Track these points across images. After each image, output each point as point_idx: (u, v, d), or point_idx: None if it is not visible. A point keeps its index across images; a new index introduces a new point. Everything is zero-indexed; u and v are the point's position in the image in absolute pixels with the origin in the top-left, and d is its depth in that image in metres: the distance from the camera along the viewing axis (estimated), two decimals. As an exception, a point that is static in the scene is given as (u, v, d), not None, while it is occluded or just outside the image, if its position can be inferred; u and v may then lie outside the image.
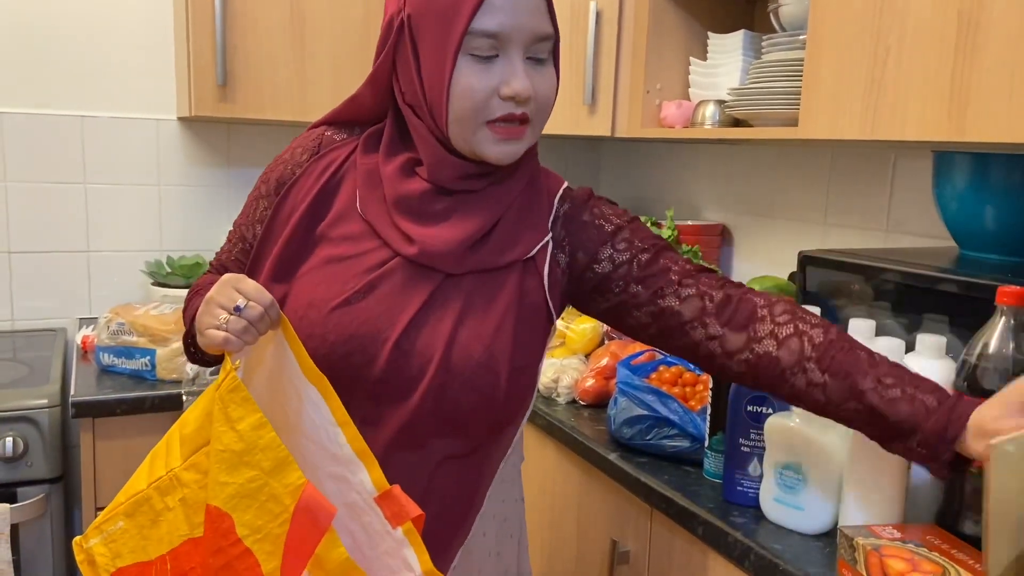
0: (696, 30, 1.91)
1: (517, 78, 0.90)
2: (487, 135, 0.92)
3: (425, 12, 0.91)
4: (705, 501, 1.20)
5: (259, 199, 1.05)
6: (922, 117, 1.19)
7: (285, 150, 1.05)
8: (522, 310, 0.97)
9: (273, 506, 0.83)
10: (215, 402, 0.85)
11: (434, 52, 0.91)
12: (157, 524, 0.90)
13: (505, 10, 0.89)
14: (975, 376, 0.97)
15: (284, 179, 1.03)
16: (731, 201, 2.12)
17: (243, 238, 1.06)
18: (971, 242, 1.32)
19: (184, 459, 0.89)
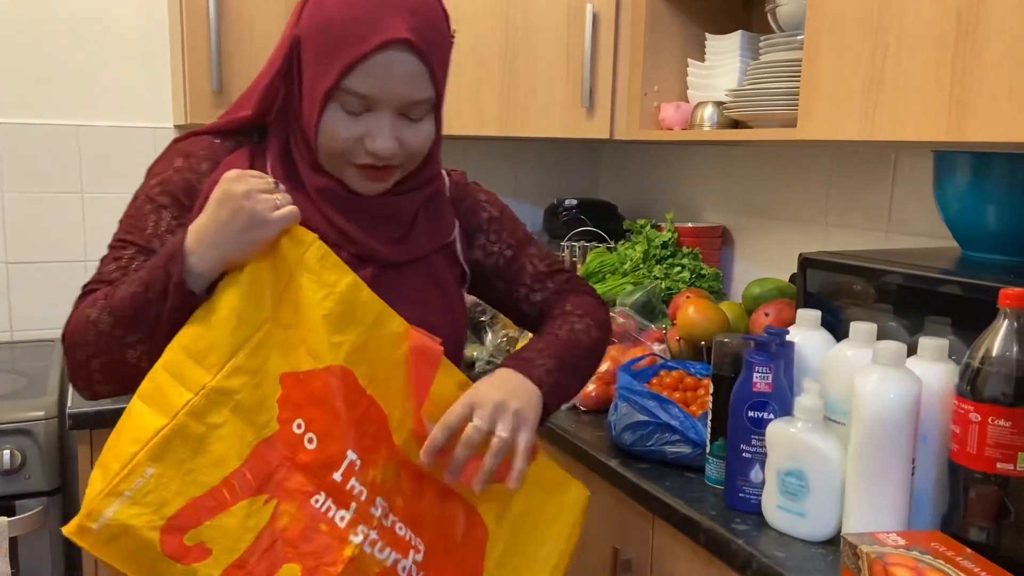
0: (693, 31, 1.90)
1: (382, 137, 0.94)
2: (354, 172, 0.98)
3: (309, 43, 0.95)
4: (707, 508, 1.19)
5: (160, 209, 0.98)
6: (922, 117, 1.17)
7: (170, 158, 1.00)
8: (455, 289, 1.09)
9: (383, 355, 0.93)
10: (301, 273, 0.89)
11: (309, 89, 0.95)
12: (204, 450, 0.84)
13: (378, 77, 0.92)
14: (978, 380, 0.96)
15: (190, 188, 0.98)
16: (731, 203, 2.11)
17: (146, 251, 0.96)
18: (973, 243, 1.31)
19: (218, 369, 0.86)
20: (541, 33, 1.97)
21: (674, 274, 1.92)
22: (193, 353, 0.86)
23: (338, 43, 0.92)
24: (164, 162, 1.01)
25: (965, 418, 0.97)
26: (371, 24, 0.92)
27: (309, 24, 0.95)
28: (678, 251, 1.98)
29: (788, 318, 1.48)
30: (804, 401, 1.09)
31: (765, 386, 1.15)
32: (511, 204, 2.83)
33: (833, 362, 1.13)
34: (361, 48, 0.91)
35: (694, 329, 1.59)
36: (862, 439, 1.03)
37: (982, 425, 0.95)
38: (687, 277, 1.91)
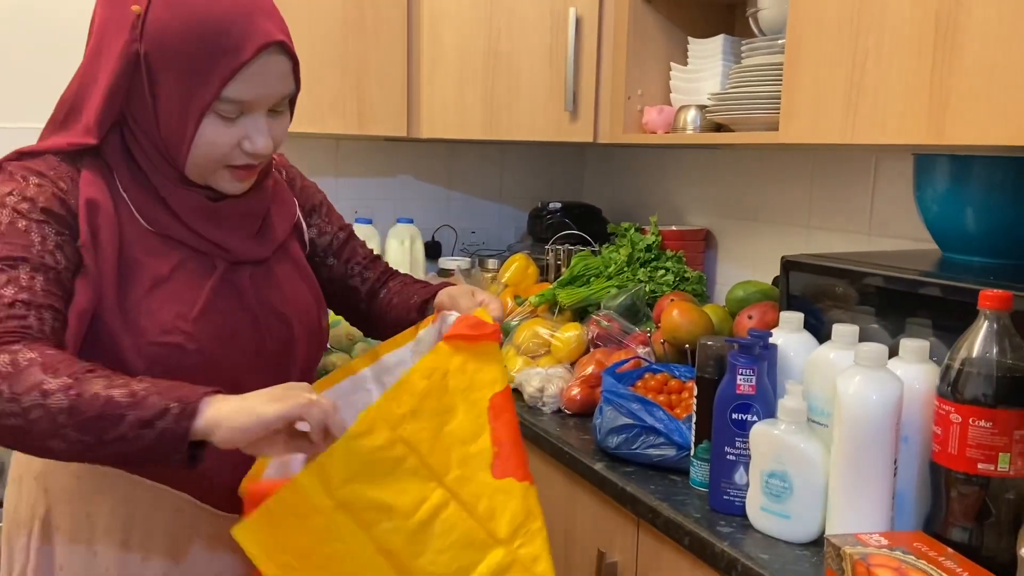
0: (676, 35, 1.91)
1: (261, 138, 0.97)
2: (224, 174, 0.99)
3: (167, 59, 0.92)
4: (692, 511, 1.19)
5: (40, 224, 0.91)
6: (902, 120, 1.18)
7: (17, 178, 0.93)
8: (308, 266, 1.16)
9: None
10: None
11: (177, 104, 0.94)
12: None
13: (257, 82, 0.94)
14: (959, 381, 0.96)
15: (64, 203, 0.93)
16: (714, 205, 2.12)
17: (42, 267, 0.89)
18: (953, 245, 1.32)
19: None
20: (525, 37, 1.97)
21: (658, 277, 1.92)
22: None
23: (211, 54, 0.91)
24: (11, 181, 0.93)
25: (946, 419, 0.98)
26: (244, 30, 0.92)
27: (160, 38, 0.91)
28: (662, 254, 1.98)
29: (772, 320, 1.49)
30: (787, 403, 1.09)
31: (749, 388, 1.15)
32: (496, 207, 2.85)
33: (816, 364, 1.14)
34: (240, 56, 0.92)
35: (678, 332, 1.59)
36: (844, 440, 1.03)
37: (963, 426, 0.96)
38: (671, 280, 1.92)
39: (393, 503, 0.85)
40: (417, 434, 0.89)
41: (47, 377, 0.81)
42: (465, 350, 0.95)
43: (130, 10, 0.92)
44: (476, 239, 2.54)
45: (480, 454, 0.92)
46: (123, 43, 0.93)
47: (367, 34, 1.97)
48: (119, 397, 0.81)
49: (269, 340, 1.05)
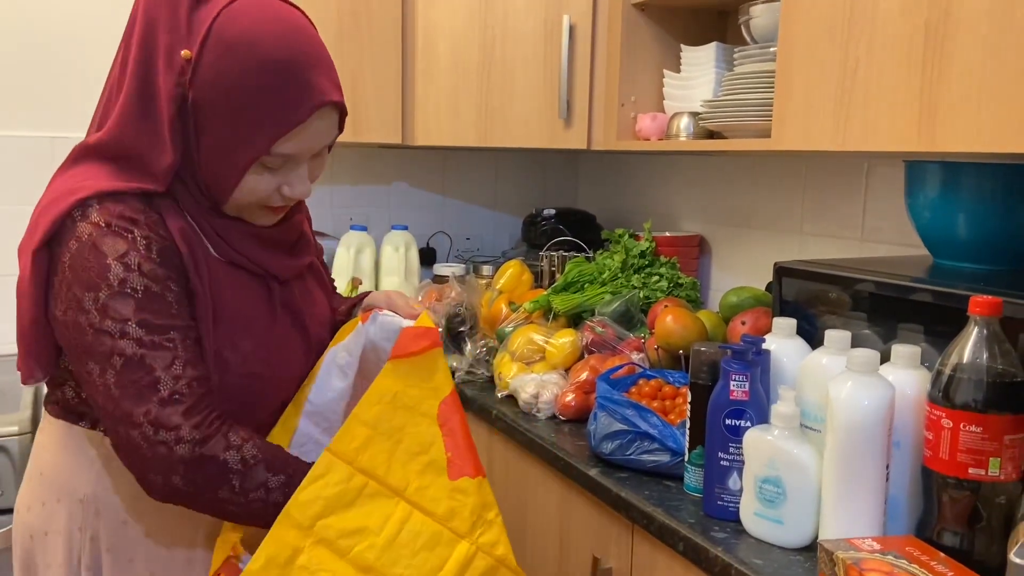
0: (669, 43, 1.92)
1: (301, 184, 0.99)
2: (259, 212, 1.01)
3: (217, 109, 0.91)
4: (686, 516, 1.19)
5: (166, 282, 0.91)
6: (892, 128, 1.19)
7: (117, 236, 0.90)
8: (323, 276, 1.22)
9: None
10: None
11: (223, 153, 0.93)
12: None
13: (306, 138, 0.94)
14: (950, 386, 0.97)
15: (174, 254, 0.93)
16: (708, 212, 2.13)
17: (186, 329, 0.93)
18: (944, 251, 1.33)
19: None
20: (518, 45, 1.98)
21: (652, 283, 1.93)
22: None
23: (264, 110, 0.90)
24: (119, 241, 0.89)
25: (937, 424, 0.99)
26: (300, 89, 0.91)
27: (211, 87, 0.90)
28: (656, 260, 1.99)
29: (765, 326, 1.50)
30: (780, 409, 1.10)
31: (742, 394, 1.16)
32: (490, 213, 2.85)
33: (808, 370, 1.14)
34: (295, 117, 0.91)
35: (672, 338, 1.60)
36: (837, 446, 1.04)
37: (954, 431, 0.97)
38: (665, 286, 1.92)
39: (362, 525, 0.95)
40: (373, 460, 0.98)
41: (270, 476, 0.93)
42: (410, 365, 1.02)
43: (177, 52, 0.90)
44: (471, 246, 2.54)
45: (435, 462, 1.00)
46: (170, 87, 0.90)
47: (362, 42, 1.98)
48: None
49: (315, 351, 1.10)
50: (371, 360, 1.11)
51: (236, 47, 0.89)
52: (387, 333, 1.08)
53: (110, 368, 0.88)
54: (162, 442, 0.88)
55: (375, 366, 1.08)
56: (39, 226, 0.92)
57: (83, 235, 0.89)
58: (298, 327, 1.09)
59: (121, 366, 0.88)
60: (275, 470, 0.93)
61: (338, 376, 1.09)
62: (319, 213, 2.36)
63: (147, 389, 0.88)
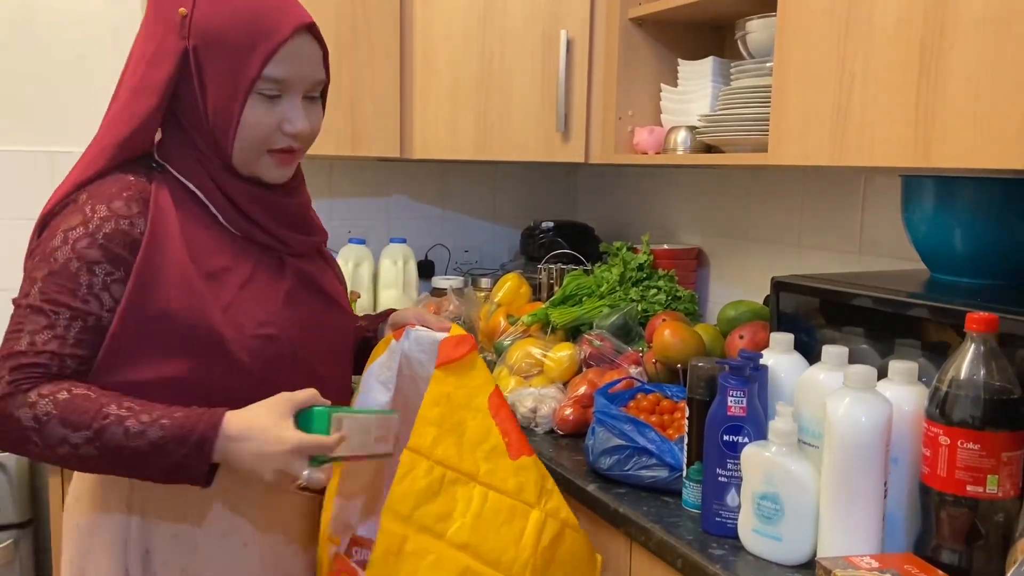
0: (666, 57, 1.92)
1: (300, 119, 1.07)
2: (268, 161, 1.07)
3: (213, 48, 1.02)
4: (684, 533, 1.19)
5: (92, 266, 0.97)
6: (888, 143, 1.19)
7: (84, 206, 1.00)
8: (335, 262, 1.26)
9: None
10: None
11: (224, 88, 1.03)
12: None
13: (293, 60, 1.04)
14: (948, 403, 0.97)
15: (126, 238, 0.99)
16: (706, 225, 2.13)
17: (82, 314, 0.96)
18: (941, 266, 1.33)
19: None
20: (516, 58, 1.99)
21: (650, 296, 1.93)
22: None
23: (253, 36, 1.01)
24: (79, 213, 0.99)
25: (935, 441, 0.98)
26: (281, 13, 1.04)
27: (207, 31, 1.02)
28: (654, 273, 1.99)
29: (763, 340, 1.50)
30: (778, 425, 1.09)
31: (739, 410, 1.16)
32: (488, 226, 2.86)
33: (806, 386, 1.14)
34: (280, 35, 1.02)
35: (670, 352, 1.60)
36: (834, 462, 1.04)
37: (951, 448, 0.97)
38: (663, 299, 1.92)
39: (451, 510, 1.09)
40: (446, 452, 1.11)
41: (68, 432, 0.92)
42: (455, 369, 1.15)
43: (176, 13, 1.02)
44: (469, 258, 2.54)
45: (496, 447, 1.15)
46: (171, 45, 1.02)
47: (360, 56, 1.98)
48: (142, 447, 0.93)
49: (338, 328, 1.17)
50: (406, 373, 1.21)
51: None
52: (423, 346, 1.19)
53: (15, 308, 0.98)
54: None
55: (411, 378, 1.21)
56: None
57: (63, 212, 1.01)
58: (319, 297, 1.14)
59: (13, 314, 0.97)
60: (74, 426, 0.92)
61: (380, 391, 1.19)
62: (318, 226, 2.36)
63: (10, 340, 0.95)
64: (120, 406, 0.94)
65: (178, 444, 0.93)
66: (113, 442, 0.92)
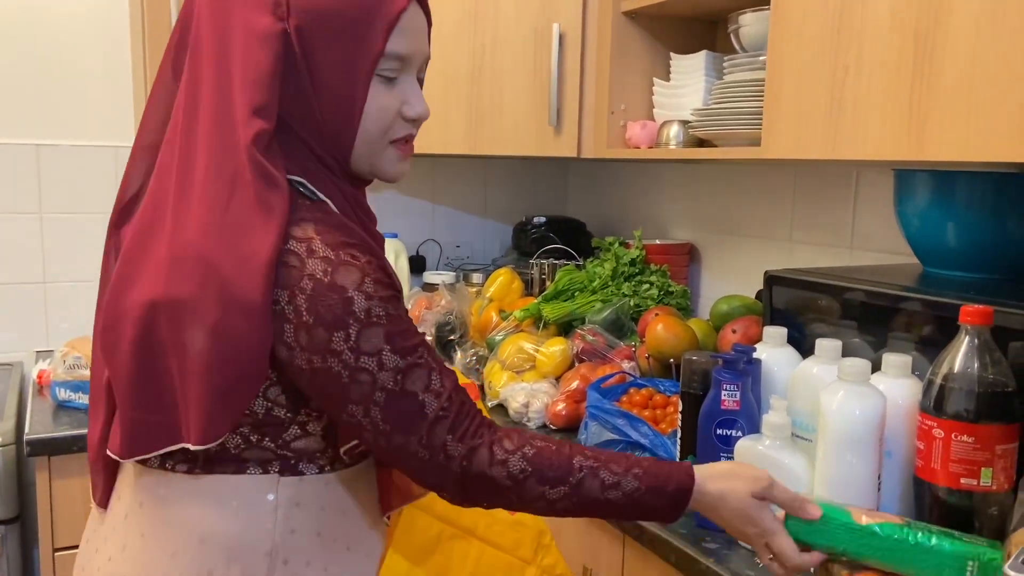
0: (659, 51, 1.92)
1: (420, 102, 0.93)
2: (392, 154, 0.94)
3: (322, 27, 0.86)
4: (677, 527, 1.19)
5: (397, 303, 0.86)
6: (882, 136, 1.19)
7: (353, 255, 0.84)
8: None
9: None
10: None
11: (341, 73, 0.87)
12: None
13: (410, 33, 0.90)
14: (941, 396, 0.97)
15: (380, 260, 0.87)
16: (698, 220, 2.13)
17: (426, 343, 0.89)
18: (934, 259, 1.33)
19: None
20: (508, 52, 1.98)
21: (642, 291, 1.93)
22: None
23: (367, 10, 0.87)
24: (348, 267, 0.83)
25: (929, 434, 0.98)
26: None
27: (311, 5, 0.85)
28: (646, 268, 1.99)
29: (755, 335, 1.49)
30: (771, 418, 1.09)
31: (733, 404, 1.15)
32: (480, 221, 2.84)
33: (799, 379, 1.14)
34: (397, 5, 0.88)
35: (663, 346, 1.59)
36: (828, 455, 1.04)
37: (945, 441, 0.97)
38: (655, 294, 1.92)
39: (447, 567, 1.07)
40: (446, 507, 1.05)
41: (546, 488, 0.87)
42: None
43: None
44: (461, 253, 2.53)
45: None
46: (265, 27, 0.85)
47: (351, 49, 1.97)
48: (616, 500, 0.89)
49: None
50: None
51: None
52: None
53: (375, 406, 0.84)
54: (438, 464, 0.86)
55: None
56: (248, 256, 0.81)
57: (316, 271, 0.82)
58: None
59: (385, 400, 0.84)
60: (551, 483, 0.87)
61: None
62: (308, 221, 2.35)
63: (416, 416, 0.85)
64: (584, 455, 0.89)
65: (655, 496, 0.90)
66: (590, 496, 0.88)
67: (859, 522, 0.92)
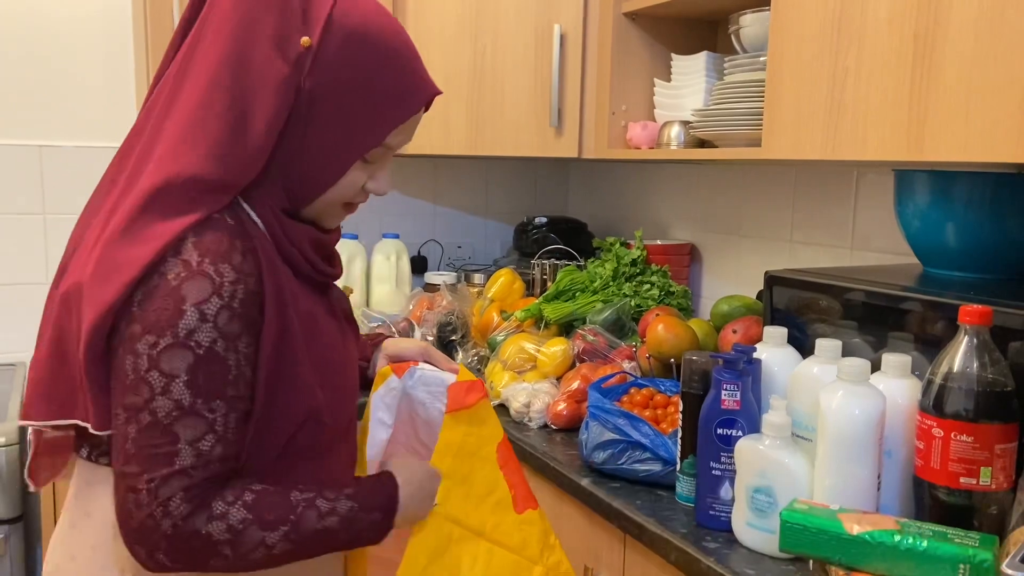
0: (659, 52, 1.92)
1: (387, 183, 0.98)
2: (340, 212, 0.98)
3: (335, 98, 0.88)
4: (678, 526, 1.19)
5: (235, 342, 0.83)
6: (882, 137, 1.20)
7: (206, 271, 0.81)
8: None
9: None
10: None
11: (333, 145, 0.90)
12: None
13: (410, 128, 0.95)
14: (941, 395, 0.97)
15: (257, 299, 0.85)
16: (699, 220, 2.13)
17: (236, 400, 0.84)
18: (934, 260, 1.33)
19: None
20: (509, 53, 1.98)
21: (643, 291, 1.93)
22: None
23: (385, 98, 0.90)
24: (203, 278, 0.81)
25: (928, 433, 0.99)
26: (415, 77, 0.92)
27: (334, 78, 0.87)
28: (647, 268, 1.99)
29: (756, 335, 1.50)
30: (771, 418, 1.09)
31: (733, 403, 1.16)
32: (481, 222, 2.85)
33: (799, 379, 1.14)
34: (414, 104, 0.92)
35: (663, 346, 1.60)
36: (828, 455, 1.04)
37: (945, 440, 0.97)
38: (656, 294, 1.92)
39: (458, 569, 1.06)
40: (456, 507, 1.07)
41: (266, 534, 0.84)
42: (466, 417, 1.10)
43: (295, 39, 0.86)
44: (462, 254, 2.54)
45: (502, 500, 1.11)
46: (284, 75, 0.85)
47: (352, 50, 1.97)
48: (333, 525, 0.88)
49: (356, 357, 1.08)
50: (404, 412, 1.15)
51: (359, 36, 0.88)
52: (430, 387, 1.14)
53: (134, 422, 0.81)
54: (150, 514, 0.80)
55: (409, 419, 1.15)
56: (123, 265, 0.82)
57: (170, 274, 0.81)
58: (352, 327, 1.06)
59: (146, 424, 0.81)
60: (270, 526, 0.84)
61: (382, 430, 1.12)
62: (310, 221, 2.36)
63: (162, 457, 0.81)
64: (299, 490, 0.88)
65: (368, 510, 0.91)
66: (309, 529, 0.86)
67: (850, 532, 0.94)
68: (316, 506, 0.87)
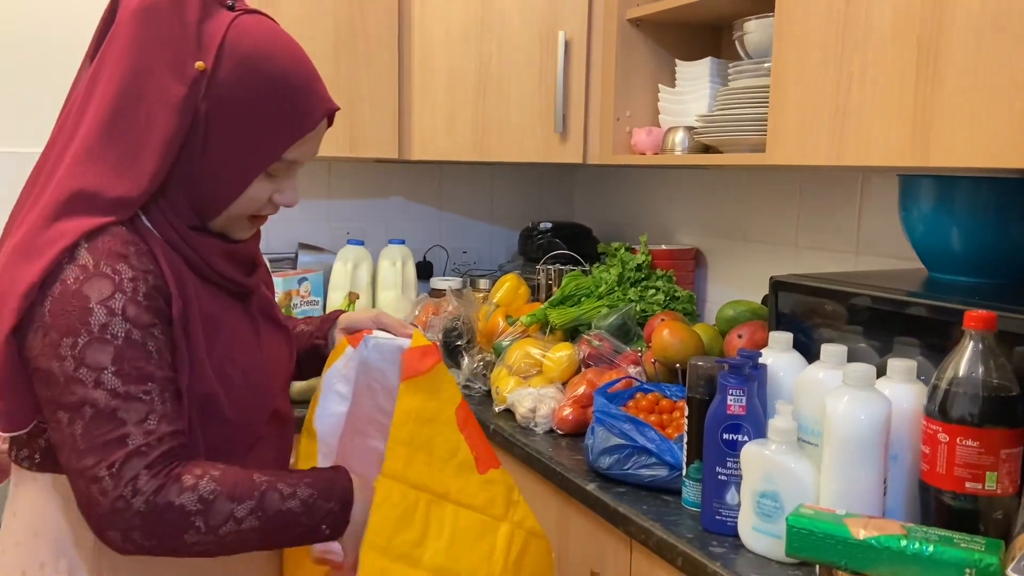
0: (664, 57, 1.93)
1: (294, 194, 1.01)
2: (245, 224, 1.00)
3: (231, 119, 0.92)
4: (684, 531, 1.19)
5: (150, 329, 0.87)
6: (886, 143, 1.20)
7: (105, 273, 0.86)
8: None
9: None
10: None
11: (232, 163, 0.94)
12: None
13: (311, 145, 0.98)
14: (946, 400, 0.97)
15: (161, 291, 0.90)
16: (703, 225, 2.13)
17: (166, 381, 0.88)
18: (939, 264, 1.34)
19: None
20: (514, 59, 1.99)
21: (649, 296, 1.94)
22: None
23: (279, 117, 0.94)
24: (102, 279, 0.86)
25: (934, 438, 0.99)
26: (310, 96, 0.96)
27: (228, 99, 0.91)
28: (652, 274, 2.00)
29: (761, 340, 1.50)
30: (777, 423, 1.10)
31: (739, 408, 1.16)
32: (486, 227, 2.86)
33: (805, 384, 1.14)
34: (309, 122, 0.96)
35: (669, 351, 1.60)
36: (834, 460, 1.04)
37: (950, 445, 0.97)
38: (661, 299, 1.93)
39: (425, 534, 1.06)
40: (419, 473, 1.07)
41: (235, 506, 0.88)
42: (422, 383, 1.09)
43: (189, 63, 0.90)
44: (467, 259, 2.55)
45: (465, 462, 1.11)
46: (180, 98, 0.90)
47: (358, 58, 1.99)
48: (295, 508, 0.91)
49: (289, 356, 1.12)
50: (363, 382, 1.14)
51: (253, 59, 0.93)
52: (384, 355, 1.12)
53: (79, 419, 0.84)
54: (120, 496, 0.83)
55: (368, 388, 1.13)
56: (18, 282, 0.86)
57: (68, 279, 0.86)
58: (279, 332, 1.09)
59: (91, 417, 0.84)
60: (238, 499, 0.88)
61: (337, 402, 1.12)
62: (316, 227, 2.36)
63: (115, 443, 0.84)
64: (260, 472, 0.92)
65: (326, 499, 0.93)
66: (273, 507, 0.89)
67: (856, 536, 0.94)
68: (278, 488, 0.91)
